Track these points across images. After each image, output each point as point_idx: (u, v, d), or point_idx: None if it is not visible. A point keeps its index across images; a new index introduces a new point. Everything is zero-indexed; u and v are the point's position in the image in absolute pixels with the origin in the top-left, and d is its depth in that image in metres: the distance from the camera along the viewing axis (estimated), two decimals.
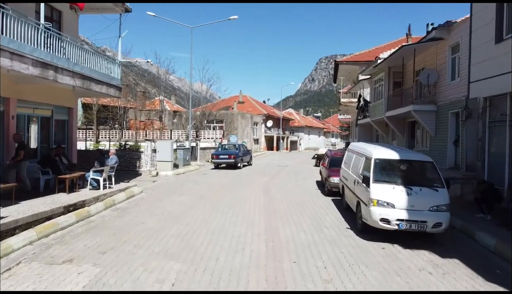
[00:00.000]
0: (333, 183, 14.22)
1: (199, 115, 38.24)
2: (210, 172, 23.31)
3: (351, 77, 37.57)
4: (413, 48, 16.22)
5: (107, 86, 13.56)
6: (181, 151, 23.75)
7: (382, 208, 8.34)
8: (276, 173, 23.16)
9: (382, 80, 21.72)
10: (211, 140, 34.88)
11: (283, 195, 14.71)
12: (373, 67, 21.09)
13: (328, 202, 13.32)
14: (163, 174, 20.49)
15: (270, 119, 58.14)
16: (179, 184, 17.41)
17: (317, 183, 18.34)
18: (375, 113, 22.78)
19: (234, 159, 24.09)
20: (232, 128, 39.20)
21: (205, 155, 29.70)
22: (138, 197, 13.75)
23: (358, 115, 28.95)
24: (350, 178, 10.95)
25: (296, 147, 73.58)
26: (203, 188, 16.20)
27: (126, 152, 21.15)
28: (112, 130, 38.52)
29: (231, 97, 67.06)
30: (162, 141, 21.64)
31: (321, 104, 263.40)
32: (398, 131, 20.60)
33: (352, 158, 11.56)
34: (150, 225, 9.71)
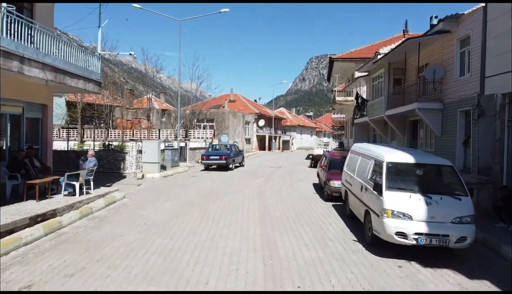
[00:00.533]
0: (334, 187, 13.14)
1: (189, 114, 36.95)
2: (200, 173, 22.09)
3: (346, 75, 36.64)
4: (418, 42, 15.22)
5: (84, 80, 12.29)
6: (169, 152, 22.49)
7: (398, 220, 7.26)
8: (269, 174, 22.04)
9: (382, 77, 20.72)
10: (201, 140, 33.62)
11: (279, 199, 13.58)
12: (373, 63, 20.08)
13: (328, 208, 12.24)
14: (149, 176, 19.22)
15: (262, 118, 56.98)
16: (166, 187, 16.18)
17: (314, 186, 17.26)
18: (374, 112, 21.79)
19: (225, 159, 22.91)
20: (223, 128, 37.97)
21: (195, 155, 28.45)
22: (119, 203, 12.50)
23: (354, 114, 27.96)
24: (356, 183, 9.86)
25: (288, 146, 72.54)
26: (192, 192, 15.00)
27: (110, 152, 19.84)
28: (97, 130, 37.03)
29: (222, 95, 65.67)
30: (148, 141, 20.38)
31: (311, 104, 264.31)
32: (399, 131, 19.62)
33: (356, 160, 10.48)
34: (129, 238, 8.50)
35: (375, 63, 19.81)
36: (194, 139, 34.11)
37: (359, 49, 32.46)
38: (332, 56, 31.63)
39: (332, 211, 11.87)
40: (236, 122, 40.75)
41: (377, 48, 32.53)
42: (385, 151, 9.01)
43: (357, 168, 10.22)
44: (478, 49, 12.30)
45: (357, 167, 10.24)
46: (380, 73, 21.01)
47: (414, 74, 18.12)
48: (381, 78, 20.90)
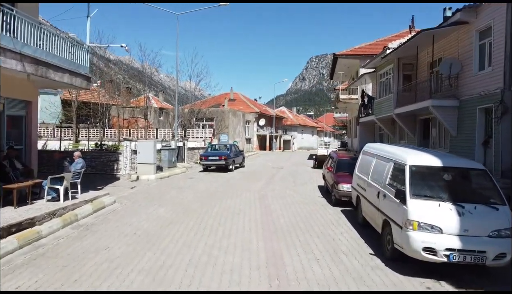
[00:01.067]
0: (343, 191, 12.15)
1: (188, 113, 35.93)
2: (198, 175, 21.09)
3: (350, 72, 35.62)
4: (432, 34, 14.20)
5: (71, 74, 11.28)
6: (166, 152, 21.48)
7: (425, 233, 6.26)
8: (271, 176, 21.03)
9: (390, 74, 19.71)
10: (200, 140, 32.61)
11: (283, 204, 12.58)
12: (381, 59, 19.06)
13: (337, 215, 11.24)
14: (144, 178, 18.21)
15: (263, 117, 56.01)
16: (162, 190, 15.18)
17: (320, 189, 16.27)
18: (381, 111, 20.79)
19: (225, 160, 21.91)
20: (223, 127, 36.94)
21: (194, 155, 27.46)
22: (109, 208, 11.50)
23: (359, 113, 26.95)
24: (371, 188, 8.86)
25: (289, 146, 71.53)
26: (189, 195, 14.00)
27: (103, 153, 18.84)
28: (93, 129, 36.02)
29: (221, 94, 64.64)
30: (143, 141, 19.39)
31: (311, 104, 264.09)
32: (409, 130, 18.61)
33: (370, 162, 9.48)
34: (115, 251, 7.50)
35: (383, 59, 18.80)
36: (193, 139, 33.10)
37: (364, 45, 31.45)
38: (336, 53, 30.61)
39: (342, 218, 10.86)
40: (236, 122, 39.73)
41: (382, 44, 31.53)
42: (406, 152, 8.01)
43: (371, 171, 9.22)
44: (501, 40, 11.31)
45: (371, 169, 9.24)
46: (389, 69, 20.00)
47: (425, 69, 17.12)
48: (390, 75, 19.89)
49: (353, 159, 14.23)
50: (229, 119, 37.32)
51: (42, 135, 37.30)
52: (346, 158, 14.40)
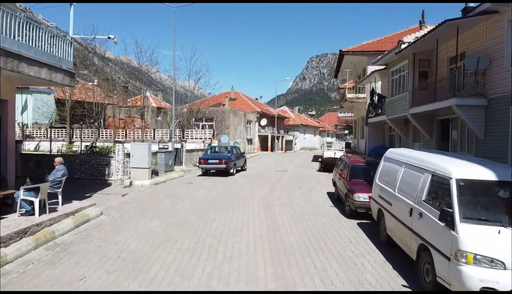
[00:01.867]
0: (359, 202, 10.82)
1: (186, 113, 34.55)
2: (197, 179, 19.74)
3: (356, 70, 34.26)
4: (456, 25, 12.83)
5: (50, 69, 9.94)
6: (162, 155, 20.14)
7: (484, 269, 4.92)
8: (275, 180, 19.68)
9: (404, 70, 18.33)
10: (200, 141, 31.24)
11: (291, 216, 11.23)
12: (395, 54, 17.69)
13: (354, 230, 9.89)
14: (138, 184, 16.88)
15: (264, 117, 54.65)
16: (156, 199, 13.83)
17: (330, 196, 14.94)
18: (394, 110, 19.41)
19: (226, 164, 20.56)
20: (224, 127, 35.56)
21: (192, 157, 26.12)
22: (94, 222, 10.16)
23: (368, 113, 25.58)
24: (399, 202, 7.51)
25: (291, 146, 70.15)
26: (186, 205, 12.65)
27: (93, 156, 17.47)
28: (88, 130, 34.69)
29: (222, 93, 63.23)
30: (137, 144, 18.03)
31: (312, 103, 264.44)
32: (425, 132, 17.23)
33: (397, 171, 8.13)
34: (92, 283, 6.18)
35: (398, 54, 17.41)
36: (192, 140, 31.73)
37: (372, 42, 30.09)
38: (342, 49, 29.24)
39: (361, 233, 9.51)
40: (237, 122, 38.36)
41: (390, 40, 30.18)
42: (446, 160, 6.65)
43: (398, 181, 7.87)
44: None
45: (398, 180, 7.89)
46: (403, 65, 18.62)
47: (445, 65, 15.75)
48: (404, 71, 18.52)
49: (368, 164, 12.89)
50: (229, 120, 35.94)
51: (35, 136, 36.01)
52: (360, 163, 13.03)
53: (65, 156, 17.40)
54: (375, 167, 12.88)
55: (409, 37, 18.10)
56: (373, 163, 13.01)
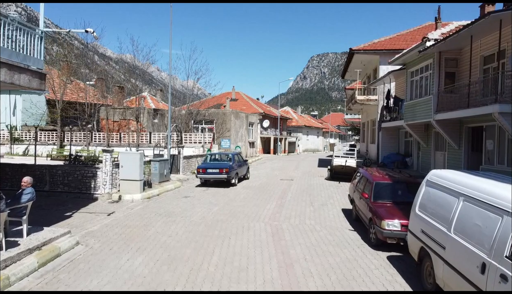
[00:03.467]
0: (388, 231, 9.00)
1: (185, 115, 32.76)
2: (195, 191, 17.91)
3: (366, 70, 32.45)
4: (499, 18, 10.99)
5: (10, 70, 8.11)
6: (156, 164, 18.30)
7: None
8: (282, 193, 17.85)
9: (427, 71, 16.50)
10: (199, 145, 29.42)
11: (306, 247, 9.39)
12: (419, 52, 15.83)
13: (386, 268, 8.05)
14: (128, 198, 15.08)
15: (267, 118, 52.84)
16: (146, 220, 12.00)
17: (345, 214, 13.18)
18: (414, 115, 17.58)
19: (227, 173, 18.72)
20: (224, 130, 33.72)
21: (190, 165, 24.30)
22: (65, 257, 8.35)
23: (382, 117, 23.77)
24: (459, 250, 5.69)
25: (294, 148, 68.36)
26: (180, 230, 10.81)
27: (78, 167, 15.64)
28: (80, 133, 32.90)
29: (222, 94, 61.36)
30: (127, 153, 16.20)
31: (313, 102, 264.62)
32: (452, 140, 15.41)
33: (450, 204, 6.32)
34: None
35: (421, 53, 15.55)
36: (190, 145, 29.94)
37: (384, 39, 28.27)
38: (353, 48, 27.41)
39: (396, 276, 7.65)
40: (239, 124, 36.52)
41: (404, 38, 28.36)
42: None
43: (455, 219, 6.04)
44: None
45: (454, 217, 6.06)
46: (425, 65, 16.79)
47: (477, 66, 13.93)
48: (427, 72, 16.68)
49: (396, 181, 11.05)
50: (231, 122, 34.10)
51: (24, 139, 34.26)
52: (386, 179, 11.17)
53: (45, 167, 15.63)
54: (405, 185, 11.12)
55: (434, 34, 16.26)
56: (401, 180, 11.20)
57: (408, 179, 11.34)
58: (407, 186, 11.00)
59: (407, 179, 11.34)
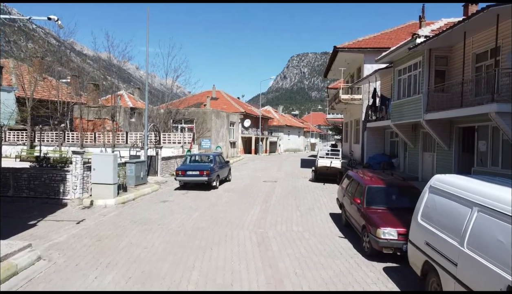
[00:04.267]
0: (384, 240, 8.33)
1: (164, 114, 31.61)
2: (174, 195, 16.94)
3: (349, 69, 32.02)
4: (496, 13, 10.47)
5: None
6: (132, 166, 17.23)
7: None
8: (266, 196, 17.07)
9: (416, 69, 16.00)
10: (178, 146, 28.36)
11: (295, 259, 8.62)
12: (408, 50, 15.28)
13: (384, 282, 7.38)
14: (100, 203, 14.02)
15: (248, 118, 52.03)
16: (119, 228, 11.01)
17: (334, 219, 12.55)
18: (402, 115, 17.07)
19: (208, 175, 17.80)
20: (205, 130, 32.71)
21: (169, 166, 23.27)
22: (24, 276, 7.33)
23: (367, 116, 23.30)
24: (476, 268, 5.00)
25: (275, 148, 67.80)
26: (156, 240, 9.88)
27: (45, 170, 14.44)
28: (52, 132, 31.31)
29: (203, 92, 60.15)
30: (99, 155, 15.10)
31: (293, 102, 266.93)
32: (442, 141, 14.93)
33: (462, 214, 5.65)
34: None
35: (411, 50, 15.01)
36: (170, 145, 28.84)
37: (368, 38, 27.85)
38: (337, 46, 26.86)
39: (395, 288, 6.96)
40: (220, 124, 35.58)
41: (388, 36, 28.02)
42: None
43: (468, 231, 5.36)
44: None
45: (467, 229, 5.39)
46: (414, 63, 16.29)
47: (470, 64, 13.46)
48: (416, 70, 16.19)
49: (389, 185, 10.39)
50: (211, 121, 33.11)
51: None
52: (378, 183, 10.50)
53: (8, 170, 14.39)
54: (399, 189, 10.49)
55: (424, 30, 15.73)
56: (395, 183, 10.56)
57: (402, 183, 10.71)
58: (401, 190, 10.40)
59: (401, 183, 10.70)
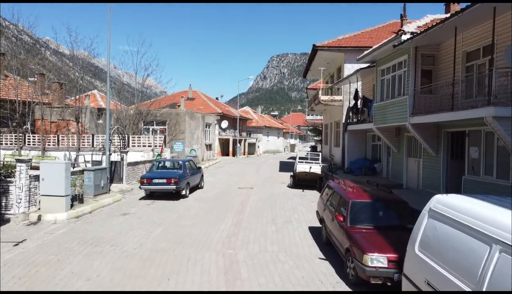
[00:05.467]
0: (372, 269, 7.11)
1: (133, 115, 29.82)
2: (138, 206, 15.38)
3: (329, 69, 30.99)
4: (493, 6, 9.42)
5: None
6: (90, 174, 15.55)
7: None
8: (240, 206, 15.71)
9: (401, 68, 14.95)
10: (149, 149, 26.65)
11: (267, 288, 7.29)
12: (393, 47, 14.17)
13: None
14: (49, 218, 12.36)
15: (225, 119, 50.53)
16: (63, 251, 9.42)
17: (313, 234, 11.28)
18: (385, 118, 16.01)
19: (176, 184, 16.29)
20: (178, 132, 31.07)
21: (137, 172, 21.59)
22: None
23: (348, 118, 22.23)
24: None
25: (254, 150, 66.41)
26: (105, 267, 8.36)
27: None
28: (11, 135, 29.06)
29: (178, 92, 58.28)
30: (49, 163, 13.39)
31: (273, 102, 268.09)
32: (429, 146, 13.90)
33: (476, 251, 4.47)
34: None
35: (396, 47, 13.91)
36: (139, 148, 27.09)
37: (349, 36, 26.86)
38: (316, 44, 25.75)
39: None
40: (195, 125, 33.99)
41: (369, 35, 27.11)
42: None
43: (488, 276, 4.15)
44: None
45: (487, 273, 4.17)
46: (398, 62, 15.23)
47: (460, 62, 12.43)
48: (400, 70, 15.13)
49: (376, 199, 9.16)
50: (185, 123, 31.49)
51: None
52: (364, 197, 9.24)
53: None
54: (387, 203, 9.31)
55: (410, 26, 14.68)
56: (382, 197, 9.35)
57: (390, 196, 9.51)
58: (389, 205, 9.22)
59: (389, 196, 9.51)
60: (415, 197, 13.18)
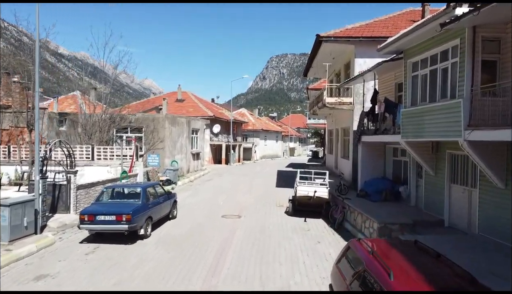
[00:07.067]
0: None
1: (102, 120, 25.34)
2: (68, 260, 10.92)
3: (335, 64, 26.58)
4: None
5: None
6: (5, 210, 11.07)
7: None
8: (219, 253, 11.32)
9: (447, 59, 10.57)
10: (116, 164, 22.20)
11: None
12: (440, 26, 9.57)
13: None
14: None
15: (218, 122, 46.16)
16: None
17: None
18: (422, 129, 11.58)
19: (129, 222, 11.80)
20: (157, 141, 26.64)
21: (93, 196, 17.07)
22: None
23: (362, 126, 17.81)
24: None
25: (250, 155, 61.92)
26: None
27: None
28: None
29: (167, 93, 54.13)
30: None
31: (272, 102, 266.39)
32: (493, 174, 9.48)
33: None
34: None
35: (445, 26, 9.41)
36: (106, 162, 22.60)
37: (359, 25, 22.48)
38: (321, 34, 21.34)
39: None
40: (177, 132, 29.52)
41: (384, 24, 22.75)
42: None
43: None
44: None
45: None
46: (443, 50, 10.81)
47: None
48: (446, 62, 10.71)
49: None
50: (165, 130, 27.01)
51: None
52: (424, 288, 4.85)
53: None
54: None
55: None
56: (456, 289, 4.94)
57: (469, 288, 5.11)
58: None
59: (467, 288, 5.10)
60: (470, 250, 9.01)
